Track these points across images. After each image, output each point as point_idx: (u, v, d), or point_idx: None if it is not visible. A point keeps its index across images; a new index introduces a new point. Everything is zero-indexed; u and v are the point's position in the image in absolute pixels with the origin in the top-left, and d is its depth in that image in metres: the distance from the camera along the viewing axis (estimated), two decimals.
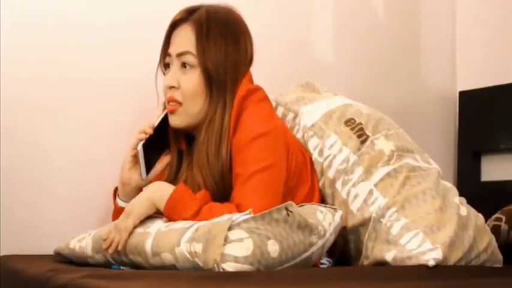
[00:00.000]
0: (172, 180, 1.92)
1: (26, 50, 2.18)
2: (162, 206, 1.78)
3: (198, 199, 1.77)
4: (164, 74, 1.95)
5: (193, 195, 1.79)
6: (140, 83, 2.24)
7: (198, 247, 1.59)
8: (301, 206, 1.79)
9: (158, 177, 1.94)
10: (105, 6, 2.28)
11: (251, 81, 1.94)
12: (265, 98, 1.92)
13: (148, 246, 1.68)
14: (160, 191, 1.80)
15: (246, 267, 1.56)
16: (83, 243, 1.85)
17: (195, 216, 1.73)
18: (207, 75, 1.88)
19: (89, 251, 1.82)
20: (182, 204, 1.76)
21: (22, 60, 2.17)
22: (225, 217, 1.63)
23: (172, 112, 1.91)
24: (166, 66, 1.95)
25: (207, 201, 1.78)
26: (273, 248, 1.59)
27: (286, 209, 1.64)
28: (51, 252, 1.98)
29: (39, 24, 2.19)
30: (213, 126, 1.87)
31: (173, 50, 1.92)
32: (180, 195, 1.78)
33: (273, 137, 1.85)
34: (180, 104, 1.89)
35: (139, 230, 1.74)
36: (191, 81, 1.89)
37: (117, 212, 1.93)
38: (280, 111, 2.13)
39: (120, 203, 1.95)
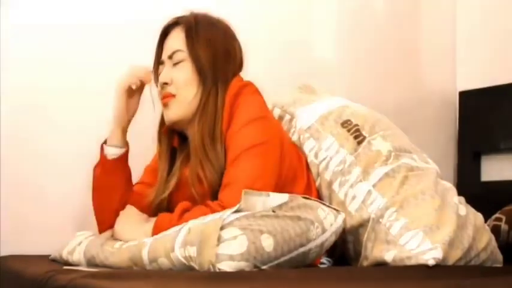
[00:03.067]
0: (165, 180, 1.95)
1: (26, 50, 2.18)
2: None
3: (177, 208, 1.79)
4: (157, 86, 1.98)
5: (171, 214, 1.80)
6: None
7: (192, 250, 1.57)
8: (306, 197, 1.77)
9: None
10: (105, 6, 2.28)
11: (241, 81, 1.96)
12: (257, 91, 1.94)
13: (144, 254, 1.67)
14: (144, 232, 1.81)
15: (242, 264, 1.54)
16: (75, 257, 1.82)
17: (179, 219, 1.75)
18: (197, 63, 1.91)
19: (84, 266, 1.81)
20: (168, 223, 1.76)
21: (22, 60, 2.17)
22: (217, 216, 1.62)
23: (166, 105, 1.93)
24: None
25: (186, 207, 1.79)
26: (267, 243, 1.58)
27: (273, 210, 1.64)
28: (51, 252, 1.98)
29: (39, 24, 2.19)
30: (206, 109, 1.89)
31: (165, 54, 1.96)
32: (161, 219, 1.80)
33: (264, 121, 1.88)
34: (173, 96, 1.92)
35: (133, 242, 1.74)
36: (182, 72, 1.92)
37: (103, 168, 1.96)
38: (276, 113, 2.13)
39: (110, 151, 1.95)
